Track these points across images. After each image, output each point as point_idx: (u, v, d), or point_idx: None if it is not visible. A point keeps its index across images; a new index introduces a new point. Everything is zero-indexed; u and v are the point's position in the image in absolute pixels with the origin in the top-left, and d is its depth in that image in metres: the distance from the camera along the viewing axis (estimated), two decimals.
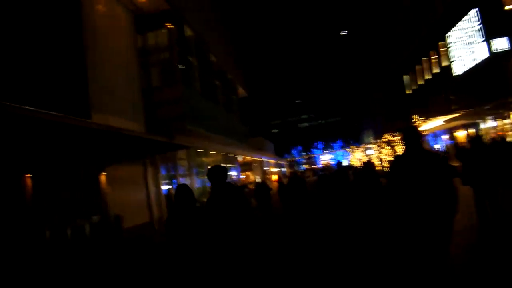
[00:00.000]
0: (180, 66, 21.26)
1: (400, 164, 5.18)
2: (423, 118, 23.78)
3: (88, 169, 11.58)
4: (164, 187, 18.83)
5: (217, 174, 6.07)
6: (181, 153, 21.51)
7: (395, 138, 25.64)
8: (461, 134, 35.44)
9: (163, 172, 18.80)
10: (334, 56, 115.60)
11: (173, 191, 21.45)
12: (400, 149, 23.94)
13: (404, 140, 5.14)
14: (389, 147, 26.30)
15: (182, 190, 6.19)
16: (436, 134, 35.87)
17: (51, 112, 8.24)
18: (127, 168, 14.49)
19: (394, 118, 48.09)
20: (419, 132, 5.19)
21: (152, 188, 16.32)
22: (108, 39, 16.29)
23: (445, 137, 35.96)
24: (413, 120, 23.86)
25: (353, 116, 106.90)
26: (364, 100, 78.53)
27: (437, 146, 35.32)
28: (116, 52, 17.03)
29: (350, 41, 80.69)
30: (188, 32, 23.36)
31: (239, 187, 12.68)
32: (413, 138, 5.05)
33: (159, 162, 17.60)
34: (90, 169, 11.67)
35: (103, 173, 12.10)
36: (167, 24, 20.88)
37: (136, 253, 10.85)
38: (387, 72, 54.33)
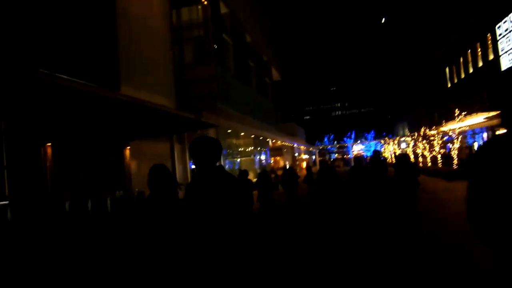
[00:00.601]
0: (214, 45, 20.74)
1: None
2: (464, 113, 22.48)
3: (113, 143, 11.24)
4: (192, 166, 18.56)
5: (203, 150, 3.64)
6: (211, 133, 21.11)
7: (433, 132, 24.53)
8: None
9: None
10: (372, 44, 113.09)
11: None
12: (436, 144, 22.82)
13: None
14: (426, 141, 25.24)
15: (157, 173, 4.34)
16: (474, 132, 34.38)
17: (74, 79, 7.86)
18: (154, 144, 14.13)
19: (433, 111, 46.52)
20: None
21: (178, 166, 15.96)
22: (141, 11, 15.87)
23: (485, 135, 34.53)
24: (455, 115, 22.60)
25: (387, 107, 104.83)
26: (400, 92, 76.61)
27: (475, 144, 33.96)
28: (149, 25, 16.61)
29: (390, 29, 78.46)
30: (224, 9, 22.76)
31: (239, 177, 11.68)
32: None
33: (187, 140, 17.17)
34: (115, 142, 11.33)
35: (128, 147, 11.75)
36: None
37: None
38: (428, 64, 52.49)
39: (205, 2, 20.62)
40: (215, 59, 20.27)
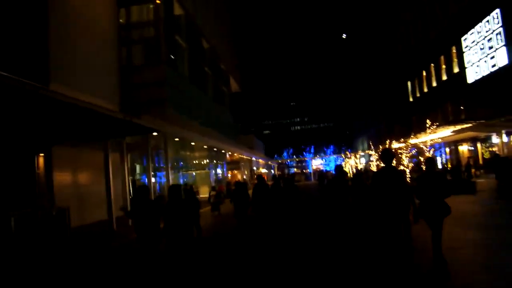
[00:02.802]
0: (165, 46, 18.99)
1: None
2: (434, 126, 21.53)
3: (23, 148, 9.23)
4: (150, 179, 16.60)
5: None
6: (159, 141, 19.29)
7: (402, 145, 23.56)
8: (465, 148, 33.42)
9: (133, 161, 16.54)
10: (333, 59, 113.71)
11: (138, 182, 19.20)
12: (404, 158, 21.81)
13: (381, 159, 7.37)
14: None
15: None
16: (434, 147, 33.73)
17: None
18: (80, 152, 12.17)
19: (394, 125, 46.11)
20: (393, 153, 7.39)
21: (115, 179, 13.87)
22: (80, 7, 14.02)
23: (447, 150, 33.99)
24: (426, 126, 21.60)
25: (346, 123, 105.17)
26: (360, 107, 76.65)
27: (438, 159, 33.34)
28: (90, 22, 14.77)
29: (351, 44, 78.64)
30: (178, 10, 21.09)
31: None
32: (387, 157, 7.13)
33: (126, 149, 15.09)
34: (26, 147, 9.31)
35: (41, 154, 9.74)
36: None
37: (81, 260, 8.49)
38: (389, 78, 52.29)
39: (158, 1, 18.95)
40: (166, 61, 18.53)
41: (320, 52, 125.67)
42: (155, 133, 14.65)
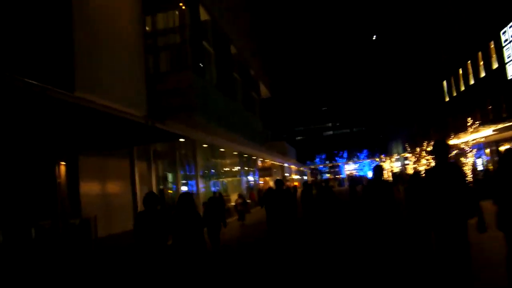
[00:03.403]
0: (192, 52, 18.79)
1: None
2: (476, 125, 20.42)
3: (45, 156, 9.02)
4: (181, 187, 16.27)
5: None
6: (188, 149, 19.04)
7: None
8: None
9: (161, 170, 16.31)
10: (364, 62, 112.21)
11: (169, 193, 18.81)
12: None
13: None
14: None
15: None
16: (473, 148, 32.52)
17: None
18: (104, 160, 11.92)
19: (429, 126, 44.84)
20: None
21: (142, 188, 13.62)
22: (106, 15, 13.94)
23: (487, 151, 32.58)
24: (468, 125, 20.52)
25: (379, 126, 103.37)
26: (393, 110, 75.13)
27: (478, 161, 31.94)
28: (117, 30, 14.67)
29: (381, 46, 77.29)
30: (204, 15, 20.90)
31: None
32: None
33: (153, 156, 14.84)
34: (48, 156, 9.11)
35: (62, 162, 9.50)
36: (180, 3, 18.51)
37: (107, 272, 8.20)
38: (423, 78, 50.97)
39: (183, 7, 18.79)
40: (193, 68, 18.32)
41: (351, 55, 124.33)
42: (181, 139, 14.33)
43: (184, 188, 21.04)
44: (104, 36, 13.69)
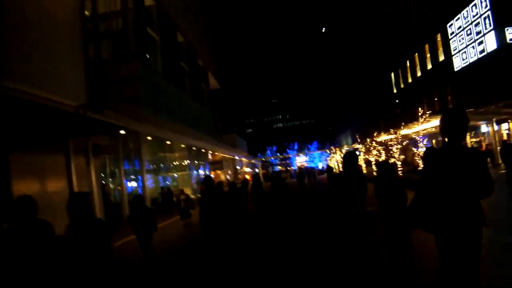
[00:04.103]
0: (136, 39, 17.59)
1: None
2: (426, 115, 20.24)
3: None
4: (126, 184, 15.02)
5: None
6: (133, 143, 17.84)
7: (392, 136, 22.10)
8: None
9: (104, 166, 15.12)
10: (312, 54, 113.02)
11: (109, 189, 17.25)
12: (396, 150, 20.52)
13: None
14: (383, 147, 22.96)
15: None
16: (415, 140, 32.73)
17: None
18: (42, 157, 10.69)
19: (378, 118, 45.22)
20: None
21: (81, 186, 12.34)
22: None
23: (433, 142, 32.97)
24: (419, 115, 20.26)
25: (329, 118, 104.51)
26: (342, 102, 75.86)
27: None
28: (51, 15, 13.30)
29: (331, 38, 77.69)
30: (149, 0, 19.67)
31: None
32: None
33: (91, 150, 13.51)
34: None
35: None
36: None
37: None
38: (371, 70, 51.43)
39: None
40: (137, 56, 17.13)
41: (300, 48, 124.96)
42: (122, 131, 13.16)
43: (132, 184, 19.81)
44: (37, 21, 12.35)
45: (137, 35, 17.73)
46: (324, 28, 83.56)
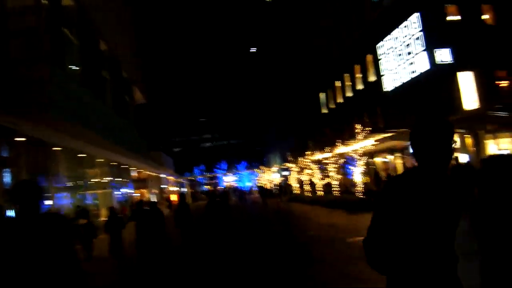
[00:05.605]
0: (50, 40, 15.79)
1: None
2: (367, 131, 19.89)
3: None
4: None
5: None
6: (42, 155, 15.90)
7: (324, 157, 21.58)
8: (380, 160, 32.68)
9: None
10: (242, 74, 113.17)
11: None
12: (333, 168, 19.98)
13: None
14: (318, 166, 22.35)
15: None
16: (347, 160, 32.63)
17: None
18: None
19: (307, 139, 45.24)
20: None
21: None
22: None
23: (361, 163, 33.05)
24: (357, 132, 19.85)
25: (257, 138, 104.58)
26: (271, 122, 75.93)
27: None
28: None
29: (260, 58, 77.93)
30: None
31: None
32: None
33: None
34: None
35: None
36: None
37: None
38: (300, 91, 51.60)
39: None
40: (50, 57, 15.32)
41: (229, 67, 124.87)
42: (21, 138, 11.36)
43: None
44: None
45: (51, 35, 15.94)
46: (255, 49, 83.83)
